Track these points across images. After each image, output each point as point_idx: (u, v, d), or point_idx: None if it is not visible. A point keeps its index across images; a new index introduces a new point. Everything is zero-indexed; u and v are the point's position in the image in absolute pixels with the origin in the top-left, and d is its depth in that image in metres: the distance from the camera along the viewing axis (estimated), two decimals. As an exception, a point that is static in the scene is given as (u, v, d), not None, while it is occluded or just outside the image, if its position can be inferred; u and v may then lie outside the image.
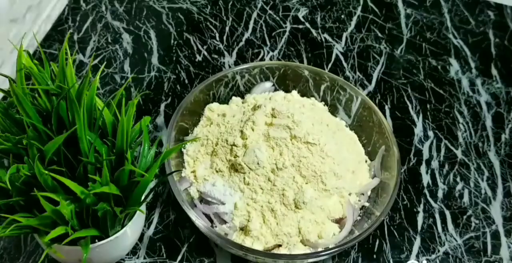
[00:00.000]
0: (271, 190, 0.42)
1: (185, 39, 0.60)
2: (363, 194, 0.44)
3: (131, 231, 0.41)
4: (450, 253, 0.44)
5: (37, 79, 0.37)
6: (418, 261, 0.44)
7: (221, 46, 0.60)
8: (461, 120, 0.54)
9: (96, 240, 0.37)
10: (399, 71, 0.58)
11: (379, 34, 0.62)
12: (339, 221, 0.43)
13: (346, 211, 0.43)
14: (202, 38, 0.61)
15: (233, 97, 0.50)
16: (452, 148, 0.51)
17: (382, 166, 0.45)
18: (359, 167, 0.46)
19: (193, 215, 0.40)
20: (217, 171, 0.44)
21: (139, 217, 0.41)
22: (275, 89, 0.51)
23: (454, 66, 0.59)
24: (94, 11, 0.63)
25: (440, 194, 0.48)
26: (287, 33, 0.62)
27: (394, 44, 0.61)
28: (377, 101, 0.55)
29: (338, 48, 0.60)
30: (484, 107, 0.55)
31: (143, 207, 0.40)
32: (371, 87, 0.56)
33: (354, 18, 0.63)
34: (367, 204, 0.44)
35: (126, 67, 0.58)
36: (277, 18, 0.63)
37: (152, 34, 0.61)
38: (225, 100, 0.50)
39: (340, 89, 0.49)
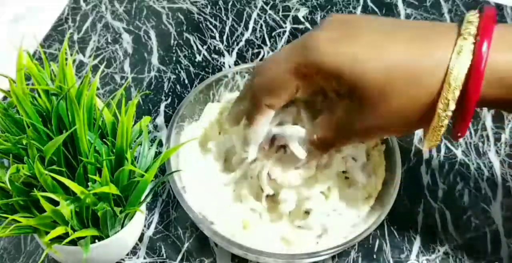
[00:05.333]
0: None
1: (185, 39, 0.60)
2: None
3: (131, 231, 0.41)
4: (450, 253, 0.44)
5: (37, 79, 0.37)
6: (418, 261, 0.44)
7: (221, 46, 0.60)
8: (461, 120, 0.54)
9: (96, 240, 0.37)
10: (399, 71, 0.58)
11: (379, 34, 0.62)
12: None
13: None
14: (202, 38, 0.61)
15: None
16: (452, 147, 0.51)
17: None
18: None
19: (193, 215, 0.40)
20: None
21: (139, 217, 0.41)
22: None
23: (454, 66, 0.59)
24: (94, 11, 0.63)
25: (440, 194, 0.48)
26: (287, 33, 0.62)
27: (394, 44, 0.61)
28: (377, 101, 0.55)
29: (338, 48, 0.60)
30: (484, 107, 0.55)
31: (143, 207, 0.40)
32: (371, 87, 0.56)
33: (354, 18, 0.63)
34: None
35: (126, 67, 0.58)
36: (277, 18, 0.63)
37: (152, 34, 0.61)
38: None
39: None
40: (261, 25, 0.62)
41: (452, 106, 0.31)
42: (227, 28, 0.62)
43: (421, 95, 0.31)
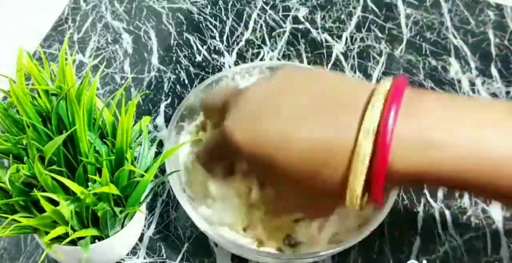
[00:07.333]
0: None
1: (185, 39, 0.60)
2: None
3: (131, 231, 0.41)
4: (450, 253, 0.44)
5: (37, 79, 0.37)
6: (418, 261, 0.44)
7: (221, 46, 0.60)
8: (461, 120, 0.54)
9: (96, 240, 0.37)
10: (399, 71, 0.58)
11: (379, 34, 0.62)
12: None
13: None
14: (202, 38, 0.61)
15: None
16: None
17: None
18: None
19: (193, 215, 0.40)
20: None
21: (139, 217, 0.41)
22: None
23: (454, 66, 0.59)
24: (94, 11, 0.63)
25: (440, 194, 0.48)
26: (287, 33, 0.62)
27: (394, 44, 0.61)
28: (377, 101, 0.55)
29: (338, 48, 0.60)
30: (484, 107, 0.55)
31: (143, 207, 0.40)
32: (371, 87, 0.56)
33: (354, 18, 0.63)
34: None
35: (126, 67, 0.58)
36: (277, 18, 0.63)
37: (152, 34, 0.61)
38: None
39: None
40: (261, 25, 0.62)
41: (358, 196, 0.31)
42: (227, 28, 0.62)
43: (330, 178, 0.31)
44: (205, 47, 0.60)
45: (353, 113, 0.31)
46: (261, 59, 0.59)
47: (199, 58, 0.59)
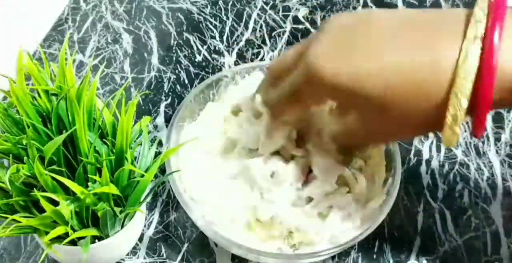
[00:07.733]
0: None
1: (185, 39, 0.60)
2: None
3: (131, 231, 0.41)
4: (450, 253, 0.44)
5: (37, 79, 0.37)
6: (418, 261, 0.44)
7: (221, 46, 0.60)
8: (461, 120, 0.54)
9: (96, 240, 0.37)
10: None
11: (379, 34, 0.62)
12: None
13: None
14: (202, 38, 0.61)
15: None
16: (452, 148, 0.51)
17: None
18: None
19: (193, 215, 0.40)
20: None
21: (139, 217, 0.41)
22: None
23: (454, 66, 0.58)
24: (94, 11, 0.63)
25: (440, 194, 0.48)
26: (287, 33, 0.62)
27: (394, 44, 0.61)
28: (377, 101, 0.55)
29: (338, 48, 0.60)
30: (484, 107, 0.55)
31: (143, 207, 0.40)
32: (371, 87, 0.56)
33: (354, 18, 0.63)
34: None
35: (126, 67, 0.58)
36: (277, 18, 0.63)
37: (152, 34, 0.61)
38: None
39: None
40: (261, 25, 0.62)
41: (461, 117, 0.29)
42: (227, 28, 0.62)
43: (426, 106, 0.30)
44: (205, 47, 0.60)
45: (452, 34, 0.29)
46: (261, 59, 0.59)
47: (199, 58, 0.59)
